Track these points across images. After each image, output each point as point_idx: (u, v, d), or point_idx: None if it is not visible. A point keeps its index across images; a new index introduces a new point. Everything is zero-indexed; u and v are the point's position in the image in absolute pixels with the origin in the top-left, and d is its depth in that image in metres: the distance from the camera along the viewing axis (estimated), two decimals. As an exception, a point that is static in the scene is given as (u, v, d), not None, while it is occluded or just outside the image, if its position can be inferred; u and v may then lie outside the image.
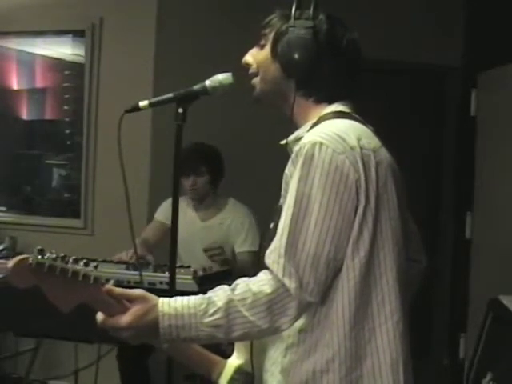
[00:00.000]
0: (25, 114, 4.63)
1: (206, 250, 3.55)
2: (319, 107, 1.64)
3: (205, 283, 2.96)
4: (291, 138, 1.64)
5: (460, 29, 4.68)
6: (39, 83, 4.58)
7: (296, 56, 1.58)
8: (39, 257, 1.35)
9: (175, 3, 4.34)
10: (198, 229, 3.65)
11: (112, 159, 2.27)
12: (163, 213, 3.73)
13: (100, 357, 3.19)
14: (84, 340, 3.18)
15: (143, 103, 2.02)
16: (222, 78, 1.98)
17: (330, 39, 1.61)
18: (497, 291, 3.24)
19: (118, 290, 1.48)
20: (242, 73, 1.86)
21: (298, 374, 1.52)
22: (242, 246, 3.62)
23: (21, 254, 3.60)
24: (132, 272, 2.98)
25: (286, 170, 1.55)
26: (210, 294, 1.50)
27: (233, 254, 3.65)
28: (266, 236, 1.62)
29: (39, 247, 1.38)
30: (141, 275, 2.52)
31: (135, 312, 1.46)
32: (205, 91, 1.99)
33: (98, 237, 4.33)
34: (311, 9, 1.62)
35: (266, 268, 1.50)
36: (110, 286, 1.47)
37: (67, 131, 4.49)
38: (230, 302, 1.45)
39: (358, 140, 1.50)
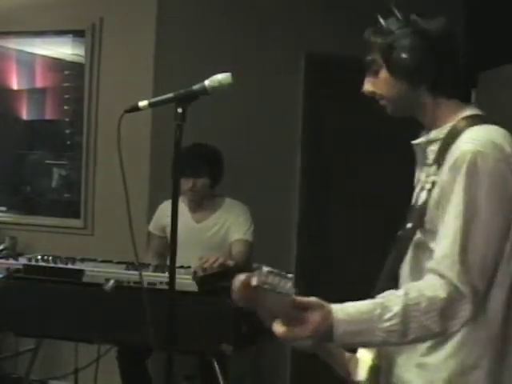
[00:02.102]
0: (25, 114, 4.62)
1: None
2: (450, 107, 1.70)
3: (205, 283, 2.96)
4: (429, 138, 1.71)
5: (460, 29, 4.68)
6: (39, 83, 4.58)
7: (417, 65, 1.64)
8: (260, 276, 1.36)
9: (175, 3, 4.34)
10: (193, 231, 3.63)
11: (112, 159, 2.27)
12: (153, 223, 3.75)
13: (99, 356, 3.19)
14: (84, 340, 3.19)
15: (143, 103, 2.03)
16: (222, 78, 1.98)
17: (434, 37, 1.66)
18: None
19: (298, 299, 1.47)
20: (241, 73, 1.86)
21: (444, 370, 1.59)
22: (237, 234, 3.60)
23: (21, 254, 3.61)
24: (132, 272, 2.98)
25: (444, 177, 1.59)
26: (380, 299, 1.52)
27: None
28: (402, 236, 1.68)
29: (257, 265, 1.39)
30: (141, 275, 2.52)
31: (315, 320, 1.45)
32: (204, 91, 1.99)
33: (97, 237, 4.33)
34: (397, 14, 1.72)
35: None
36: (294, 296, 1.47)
37: (67, 131, 4.49)
38: (406, 307, 1.48)
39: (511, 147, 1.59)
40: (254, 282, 1.35)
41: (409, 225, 1.66)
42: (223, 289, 3.10)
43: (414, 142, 1.77)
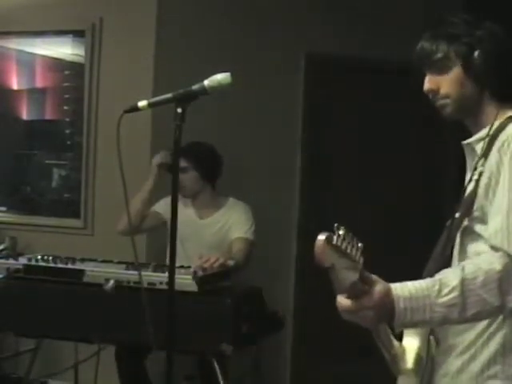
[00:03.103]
0: (25, 114, 4.62)
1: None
2: (503, 108, 1.75)
3: (204, 283, 2.96)
4: (476, 137, 1.76)
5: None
6: (39, 83, 4.58)
7: (494, 69, 1.70)
8: (338, 237, 1.35)
9: (175, 3, 4.34)
10: (196, 227, 3.66)
11: (112, 159, 2.27)
12: (161, 206, 3.73)
13: (100, 349, 3.18)
14: (84, 340, 3.19)
15: (142, 103, 2.03)
16: (221, 78, 1.98)
17: (506, 44, 1.75)
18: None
19: (365, 272, 1.46)
20: (241, 73, 1.86)
21: (484, 351, 1.65)
22: (238, 233, 3.63)
23: (21, 254, 3.61)
24: (132, 272, 2.99)
25: (492, 160, 1.64)
26: (438, 276, 1.54)
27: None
28: (452, 226, 1.72)
29: (337, 224, 1.38)
30: (140, 275, 2.52)
31: (379, 292, 1.45)
32: (204, 91, 1.99)
33: (97, 237, 4.33)
34: (469, 18, 1.78)
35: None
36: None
37: (67, 131, 4.49)
38: (463, 281, 1.49)
39: None
40: (334, 240, 1.35)
41: (457, 214, 1.70)
42: (223, 289, 3.11)
43: (464, 142, 1.80)
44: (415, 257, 1.96)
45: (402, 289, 1.48)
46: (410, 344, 1.76)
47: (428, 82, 1.79)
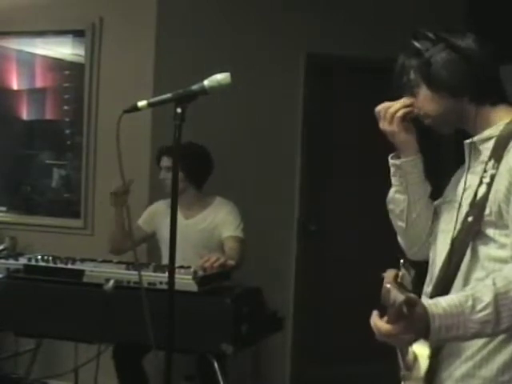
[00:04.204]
0: (25, 114, 4.62)
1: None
2: (499, 111, 1.73)
3: (205, 283, 2.96)
4: (483, 136, 1.73)
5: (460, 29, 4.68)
6: (39, 83, 4.58)
7: (455, 77, 1.68)
8: (404, 272, 1.37)
9: (175, 3, 4.34)
10: (180, 227, 3.64)
11: (112, 159, 2.27)
12: (143, 218, 3.74)
13: (100, 353, 3.18)
14: (84, 340, 3.19)
15: (141, 103, 2.03)
16: (221, 78, 1.98)
17: (467, 50, 1.71)
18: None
19: (408, 295, 1.46)
20: (241, 73, 1.86)
21: (494, 361, 1.63)
22: (228, 231, 3.61)
23: (21, 254, 3.61)
24: (132, 272, 2.99)
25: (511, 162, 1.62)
26: (469, 290, 1.53)
27: (221, 246, 3.64)
28: (463, 229, 1.69)
29: (402, 261, 1.42)
30: (140, 275, 2.52)
31: (418, 314, 1.45)
32: (203, 91, 1.99)
33: (97, 237, 4.33)
34: (428, 34, 1.73)
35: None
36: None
37: (67, 131, 4.49)
38: (496, 296, 1.48)
39: None
40: (399, 279, 1.38)
41: (470, 218, 1.67)
42: (223, 289, 3.11)
43: (467, 141, 1.78)
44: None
45: (436, 306, 1.47)
46: (421, 350, 1.74)
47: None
